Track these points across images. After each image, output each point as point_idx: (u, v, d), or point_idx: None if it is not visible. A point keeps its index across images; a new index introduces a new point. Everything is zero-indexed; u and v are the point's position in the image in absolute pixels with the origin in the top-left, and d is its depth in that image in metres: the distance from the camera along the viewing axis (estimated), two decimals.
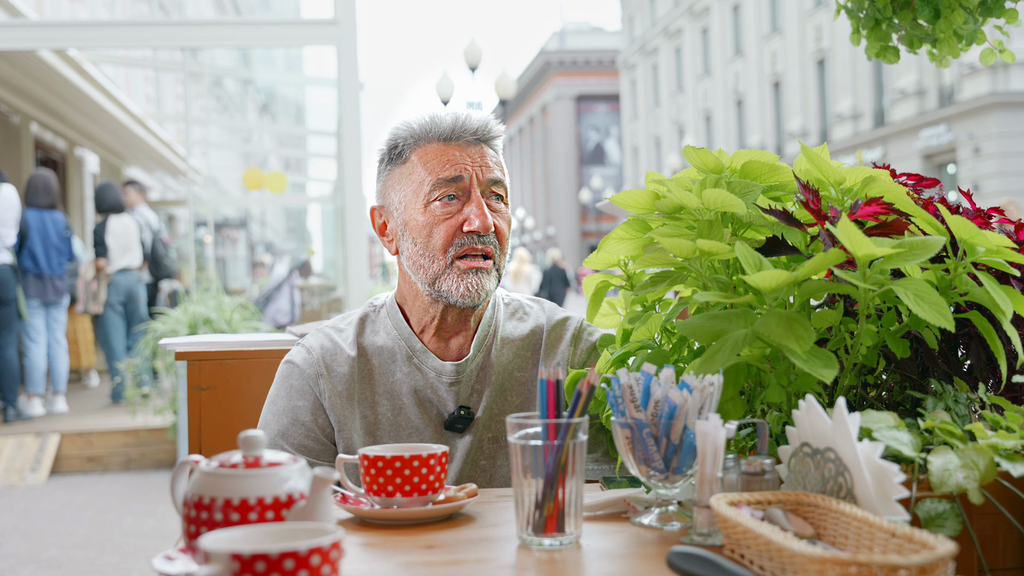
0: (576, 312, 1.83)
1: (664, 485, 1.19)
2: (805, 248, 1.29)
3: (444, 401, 1.70)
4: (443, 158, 1.67)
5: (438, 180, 1.66)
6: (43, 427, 7.25)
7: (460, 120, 1.69)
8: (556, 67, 59.24)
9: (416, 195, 1.68)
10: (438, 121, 1.70)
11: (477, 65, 17.60)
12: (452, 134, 1.69)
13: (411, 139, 1.71)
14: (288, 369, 1.72)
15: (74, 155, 13.54)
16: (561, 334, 1.78)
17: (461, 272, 1.65)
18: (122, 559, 4.77)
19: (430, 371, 1.70)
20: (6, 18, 8.44)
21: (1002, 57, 2.10)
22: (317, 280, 15.45)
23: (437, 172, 1.66)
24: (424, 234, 1.67)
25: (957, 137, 24.29)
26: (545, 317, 1.80)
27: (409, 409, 1.69)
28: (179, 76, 21.02)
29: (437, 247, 1.66)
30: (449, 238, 1.65)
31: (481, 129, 1.70)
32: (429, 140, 1.69)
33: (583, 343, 1.78)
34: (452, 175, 1.66)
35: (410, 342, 1.72)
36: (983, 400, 1.26)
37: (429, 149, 1.69)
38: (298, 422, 1.68)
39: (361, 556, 1.14)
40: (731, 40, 38.49)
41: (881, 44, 2.12)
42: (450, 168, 1.66)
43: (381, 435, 1.68)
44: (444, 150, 1.68)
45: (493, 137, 1.72)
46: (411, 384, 1.70)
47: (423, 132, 1.70)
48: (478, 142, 1.70)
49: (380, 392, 1.70)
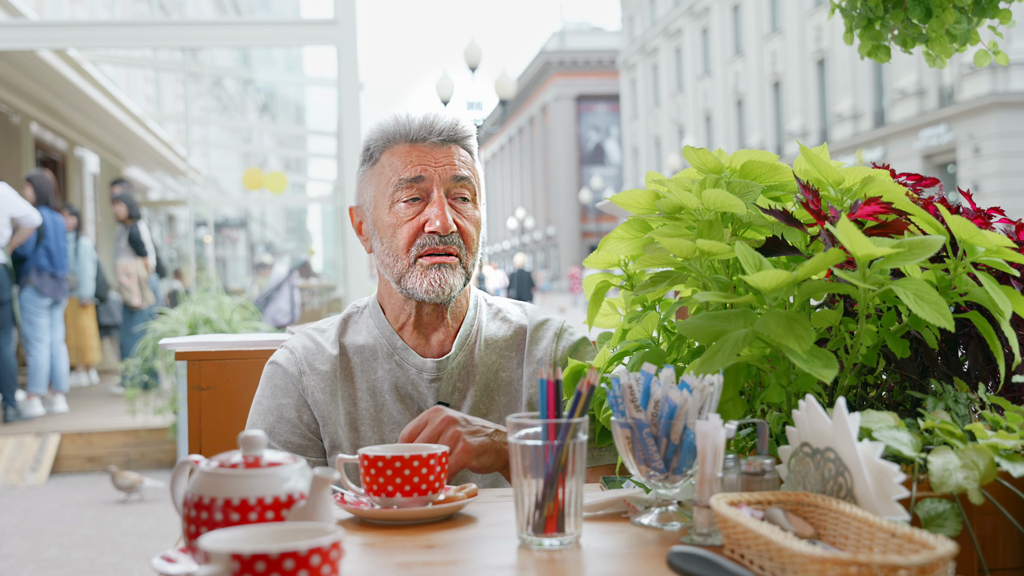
0: (556, 315, 1.86)
1: (664, 485, 1.19)
2: (805, 248, 1.29)
3: (424, 397, 1.71)
4: (407, 159, 1.68)
5: (400, 180, 1.68)
6: (43, 427, 7.25)
7: (428, 120, 1.70)
8: (556, 67, 59.25)
9: (383, 195, 1.70)
10: (406, 122, 1.71)
11: (477, 65, 17.59)
12: (419, 135, 1.70)
13: (381, 140, 1.72)
14: (272, 370, 1.74)
15: (74, 155, 13.54)
16: (543, 333, 1.80)
17: (424, 268, 1.67)
18: (122, 559, 4.77)
19: (411, 367, 1.72)
20: (6, 18, 8.44)
21: (996, 59, 2.10)
22: (317, 280, 15.45)
23: (400, 172, 1.68)
24: (389, 234, 1.69)
25: (957, 137, 24.29)
26: (528, 319, 1.82)
27: (391, 405, 1.71)
28: (179, 76, 21.02)
29: (400, 247, 1.68)
30: (411, 238, 1.67)
31: (448, 129, 1.70)
32: (397, 141, 1.71)
33: (564, 341, 1.79)
34: (413, 175, 1.67)
35: (391, 339, 1.74)
36: (983, 400, 1.26)
37: (396, 150, 1.70)
38: (284, 419, 1.69)
39: (361, 556, 1.14)
40: (731, 40, 38.49)
41: (874, 43, 2.12)
42: (411, 168, 1.67)
43: (364, 430, 1.70)
44: (410, 151, 1.69)
45: (463, 137, 1.73)
46: (392, 380, 1.72)
47: (392, 133, 1.71)
48: (446, 143, 1.70)
49: (362, 388, 1.72)
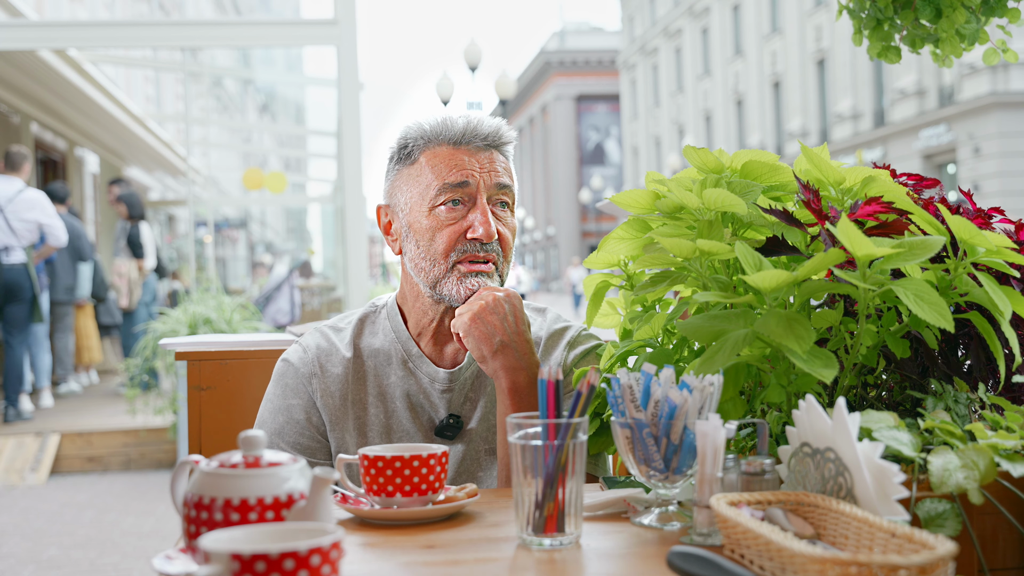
0: (577, 322, 1.81)
1: (664, 485, 1.19)
2: (805, 248, 1.29)
3: (436, 407, 1.69)
4: (451, 162, 1.65)
5: (444, 184, 1.63)
6: (43, 427, 7.25)
7: (472, 124, 1.66)
8: (556, 67, 59.24)
9: (422, 198, 1.66)
10: (450, 124, 1.67)
11: (477, 65, 17.60)
12: (463, 138, 1.66)
13: (421, 140, 1.68)
14: (283, 367, 1.72)
15: (74, 155, 13.54)
16: (557, 341, 1.76)
17: (462, 275, 1.64)
18: (122, 559, 4.77)
19: (424, 376, 1.70)
20: (6, 18, 8.44)
21: (1006, 57, 2.10)
22: (317, 280, 15.45)
23: (444, 176, 1.64)
24: (427, 237, 1.65)
25: (957, 137, 24.29)
26: (545, 329, 1.78)
27: (401, 413, 1.68)
28: (179, 76, 21.02)
29: (439, 252, 1.64)
30: (452, 243, 1.64)
31: (492, 135, 1.67)
32: (439, 143, 1.67)
33: (576, 350, 1.75)
34: (459, 180, 1.63)
35: (407, 346, 1.72)
36: (983, 400, 1.26)
37: (438, 152, 1.66)
38: (293, 420, 1.68)
39: (361, 556, 1.14)
40: (731, 40, 38.49)
41: (883, 44, 2.12)
42: (457, 173, 1.64)
43: (372, 436, 1.68)
44: (453, 154, 1.65)
45: (504, 143, 1.70)
46: (404, 388, 1.69)
47: (434, 134, 1.67)
48: (488, 147, 1.67)
49: (373, 394, 1.69)
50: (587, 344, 1.76)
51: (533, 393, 1.56)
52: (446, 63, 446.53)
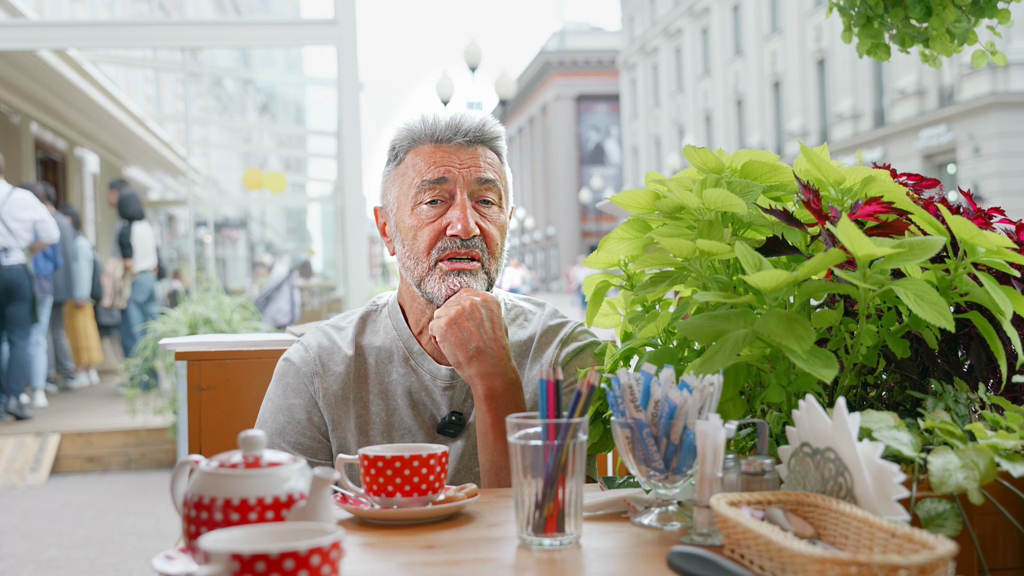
0: (575, 318, 1.81)
1: (664, 485, 1.19)
2: (805, 248, 1.29)
3: (438, 404, 1.69)
4: (431, 159, 1.65)
5: (423, 181, 1.64)
6: (43, 427, 7.25)
7: (455, 121, 1.66)
8: (556, 67, 59.24)
9: (406, 196, 1.67)
10: (433, 122, 1.67)
11: (477, 65, 17.59)
12: (444, 135, 1.66)
13: (407, 140, 1.69)
14: (285, 367, 1.72)
15: (74, 155, 13.54)
16: (551, 338, 1.75)
17: (444, 273, 1.64)
18: (122, 559, 4.77)
19: (425, 374, 1.70)
20: (6, 18, 8.44)
21: (994, 59, 2.10)
22: (317, 280, 15.45)
23: (423, 173, 1.64)
24: (411, 236, 1.66)
25: (957, 137, 24.29)
26: (541, 324, 1.77)
27: (403, 410, 1.68)
28: (179, 76, 21.01)
29: (421, 249, 1.65)
30: (432, 241, 1.64)
31: (475, 130, 1.67)
32: (423, 141, 1.67)
33: (568, 346, 1.74)
34: (436, 176, 1.64)
35: (408, 343, 1.72)
36: (983, 400, 1.26)
37: (421, 150, 1.67)
38: (294, 420, 1.68)
39: (361, 556, 1.14)
40: (731, 40, 38.49)
41: (872, 41, 2.12)
42: (435, 169, 1.64)
43: (374, 435, 1.68)
44: (434, 151, 1.66)
45: (490, 138, 1.69)
46: (406, 385, 1.69)
47: (418, 133, 1.68)
48: (472, 144, 1.67)
49: (375, 392, 1.69)
50: (580, 341, 1.74)
51: (509, 398, 1.56)
52: (446, 63, 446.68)
